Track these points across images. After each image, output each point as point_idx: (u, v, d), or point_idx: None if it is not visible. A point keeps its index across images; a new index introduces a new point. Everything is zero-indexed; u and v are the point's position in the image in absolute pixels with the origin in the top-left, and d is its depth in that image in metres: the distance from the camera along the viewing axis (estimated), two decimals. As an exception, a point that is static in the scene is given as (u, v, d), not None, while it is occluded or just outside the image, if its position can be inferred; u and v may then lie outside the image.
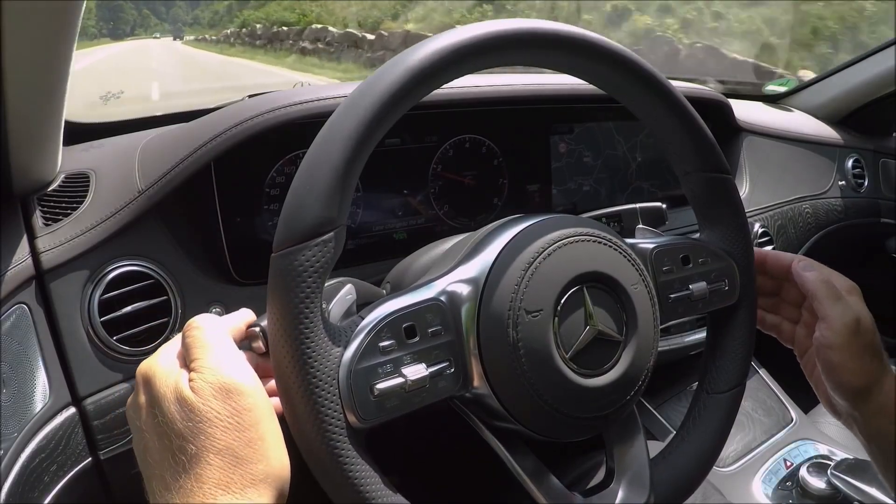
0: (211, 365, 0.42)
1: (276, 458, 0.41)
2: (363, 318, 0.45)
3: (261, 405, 0.42)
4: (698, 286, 0.57)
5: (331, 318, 0.44)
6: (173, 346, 0.46)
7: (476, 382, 0.48)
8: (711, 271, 0.59)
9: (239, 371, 0.42)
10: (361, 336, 0.43)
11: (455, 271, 0.49)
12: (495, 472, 0.50)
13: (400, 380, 0.43)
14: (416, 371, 0.44)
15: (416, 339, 0.45)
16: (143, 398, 0.43)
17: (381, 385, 0.43)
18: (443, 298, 0.47)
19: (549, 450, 0.52)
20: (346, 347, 0.43)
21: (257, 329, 0.46)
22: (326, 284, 0.44)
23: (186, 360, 0.43)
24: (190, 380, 0.41)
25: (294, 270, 0.41)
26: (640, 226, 0.63)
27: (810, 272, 0.63)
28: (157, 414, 0.41)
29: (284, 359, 0.41)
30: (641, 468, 0.54)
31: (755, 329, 0.62)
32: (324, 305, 0.44)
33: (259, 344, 0.47)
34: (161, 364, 0.43)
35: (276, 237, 0.42)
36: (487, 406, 0.49)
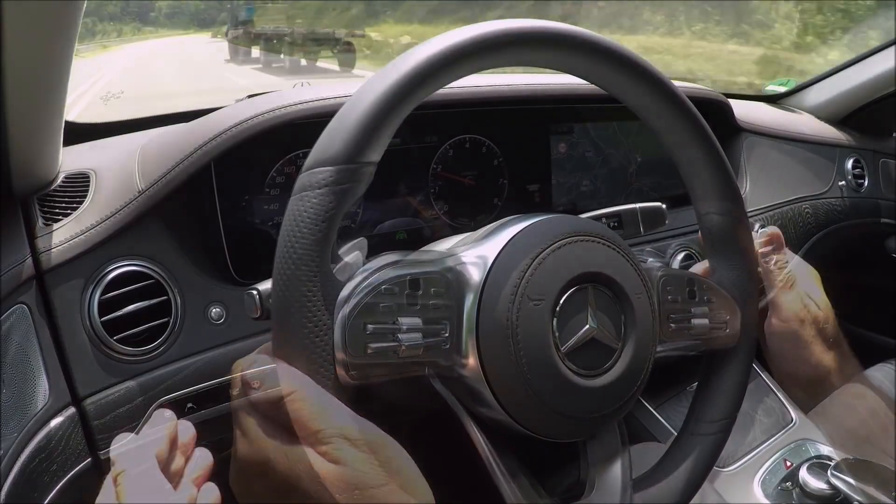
0: (337, 432, 0.39)
1: (427, 493, 0.42)
2: (369, 261, 0.47)
3: (396, 449, 0.41)
4: (700, 322, 0.57)
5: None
6: (259, 426, 0.42)
7: (468, 359, 0.48)
8: (715, 310, 0.58)
9: (364, 426, 0.41)
10: (365, 283, 0.45)
11: (464, 253, 0.50)
12: (474, 475, 0.50)
13: (394, 343, 0.44)
14: (412, 323, 0.45)
15: (419, 291, 0.46)
16: (263, 492, 0.40)
17: (375, 345, 0.44)
18: (449, 275, 0.48)
19: (532, 454, 0.52)
20: (346, 296, 0.44)
21: (254, 292, 0.46)
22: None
23: (300, 434, 0.40)
24: (322, 453, 0.39)
25: (318, 184, 0.42)
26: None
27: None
28: (298, 500, 0.39)
29: (289, 268, 0.42)
30: (624, 486, 0.54)
31: (749, 376, 0.61)
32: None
33: (253, 308, 0.46)
34: (271, 451, 0.40)
35: (306, 162, 0.44)
36: (474, 390, 0.49)
